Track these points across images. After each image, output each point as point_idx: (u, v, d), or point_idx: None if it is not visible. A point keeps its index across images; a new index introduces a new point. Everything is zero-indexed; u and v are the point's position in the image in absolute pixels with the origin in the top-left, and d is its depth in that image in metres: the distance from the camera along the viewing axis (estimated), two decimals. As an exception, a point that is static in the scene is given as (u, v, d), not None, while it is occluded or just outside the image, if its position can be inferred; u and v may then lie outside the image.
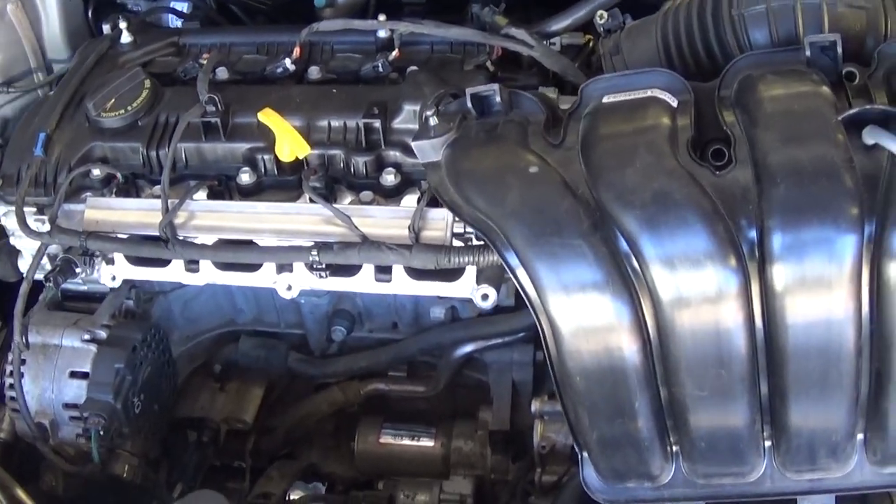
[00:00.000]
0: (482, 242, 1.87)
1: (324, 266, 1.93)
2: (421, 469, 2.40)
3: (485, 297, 1.97)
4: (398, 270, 1.97)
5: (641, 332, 1.59)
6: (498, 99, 1.76)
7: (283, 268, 2.02)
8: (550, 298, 1.60)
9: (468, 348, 2.34)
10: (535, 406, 2.19)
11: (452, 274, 1.97)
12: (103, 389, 2.08)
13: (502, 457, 2.36)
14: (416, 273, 1.97)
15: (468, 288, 1.98)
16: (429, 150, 1.79)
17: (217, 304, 2.46)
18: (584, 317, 1.59)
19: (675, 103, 1.67)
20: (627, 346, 1.59)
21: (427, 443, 2.41)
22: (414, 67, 2.14)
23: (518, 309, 2.26)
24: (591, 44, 2.22)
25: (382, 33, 2.21)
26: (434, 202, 1.91)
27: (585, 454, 1.77)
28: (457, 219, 1.89)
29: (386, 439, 2.42)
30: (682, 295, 1.55)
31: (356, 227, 1.90)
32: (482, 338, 2.30)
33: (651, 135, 1.61)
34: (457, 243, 1.90)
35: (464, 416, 2.45)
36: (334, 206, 1.91)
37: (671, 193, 1.54)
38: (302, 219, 1.96)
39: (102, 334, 2.15)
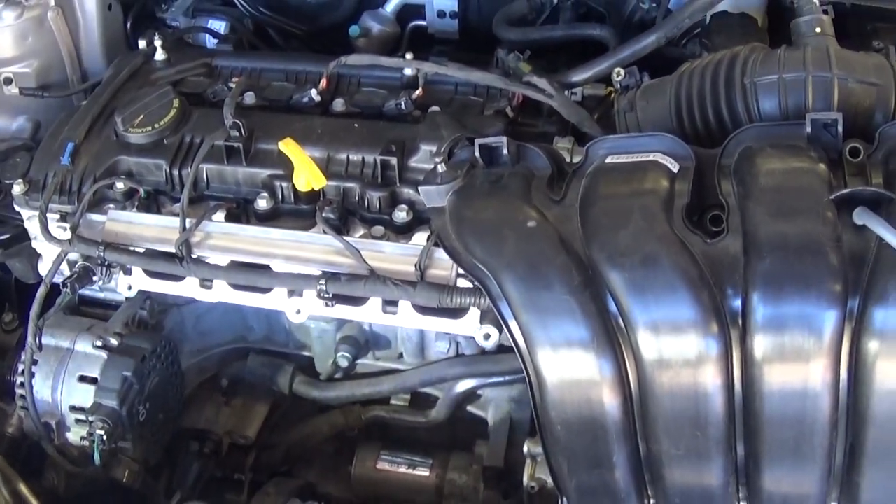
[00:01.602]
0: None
1: (330, 295, 2.06)
2: (415, 497, 2.52)
3: (487, 336, 2.09)
4: (404, 304, 2.09)
5: (623, 388, 1.70)
6: (505, 151, 1.89)
7: (294, 292, 2.15)
8: (538, 349, 1.71)
9: (470, 384, 2.45)
10: (526, 447, 2.30)
11: (457, 312, 2.08)
12: (110, 395, 2.21)
13: (494, 492, 2.47)
14: (421, 308, 2.09)
15: (472, 326, 2.09)
16: (434, 196, 1.92)
17: (229, 321, 2.59)
18: (568, 370, 1.70)
19: (675, 168, 1.78)
20: (608, 401, 1.70)
21: (423, 472, 2.52)
22: (435, 108, 2.26)
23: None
24: (612, 96, 2.34)
25: (408, 71, 2.34)
26: (442, 242, 2.05)
27: (565, 500, 1.88)
28: (459, 263, 2.02)
29: (383, 465, 2.54)
30: (664, 357, 1.66)
31: (364, 260, 2.02)
32: (483, 375, 2.41)
33: (647, 199, 1.72)
34: (463, 283, 2.02)
35: (461, 449, 2.57)
36: (345, 238, 2.03)
37: (660, 258, 1.65)
38: (314, 248, 2.09)
39: (114, 342, 2.28)
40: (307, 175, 2.07)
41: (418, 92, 2.29)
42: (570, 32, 2.56)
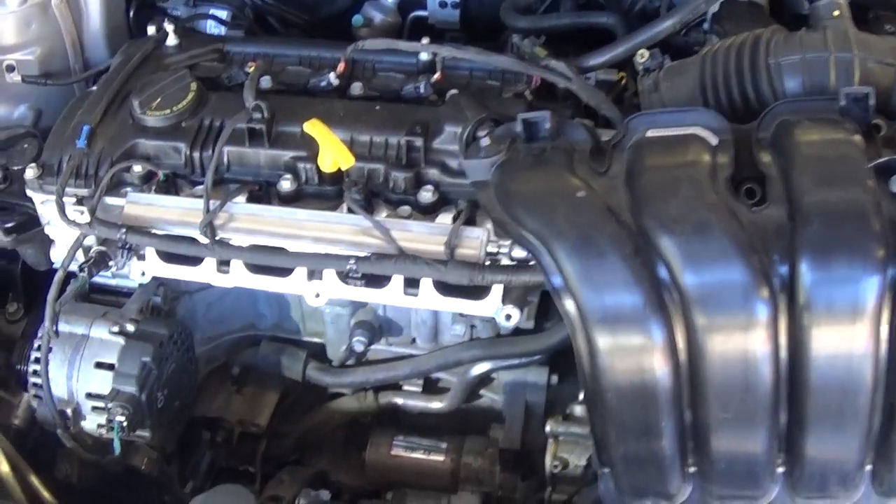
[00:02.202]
0: (514, 263, 2.01)
1: (360, 275, 2.05)
2: (430, 482, 2.50)
3: (508, 317, 2.09)
4: (426, 285, 2.08)
5: (673, 355, 1.71)
6: (547, 125, 1.89)
7: (313, 275, 2.13)
8: (591, 317, 1.71)
9: (485, 367, 2.45)
10: (549, 426, 2.31)
11: (478, 292, 2.08)
12: (129, 381, 2.17)
13: (511, 475, 2.47)
14: (444, 289, 2.08)
15: (493, 307, 2.09)
16: (478, 170, 1.92)
17: (240, 308, 2.56)
18: (622, 337, 1.71)
19: (714, 142, 1.80)
20: (660, 368, 1.71)
21: (438, 457, 2.51)
22: (454, 91, 2.26)
23: (536, 332, 2.39)
24: (623, 81, 2.35)
25: (424, 56, 2.34)
26: (470, 221, 2.05)
27: (606, 470, 1.89)
28: (491, 238, 2.02)
29: (397, 451, 2.53)
30: (716, 321, 1.67)
31: (394, 239, 2.02)
32: (500, 358, 2.41)
33: (694, 169, 1.74)
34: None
35: (474, 433, 2.56)
36: (374, 218, 2.03)
37: (711, 225, 1.66)
38: (341, 228, 2.07)
39: (131, 328, 2.24)
40: (335, 155, 2.06)
41: (437, 76, 2.28)
42: (578, 20, 2.57)
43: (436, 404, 2.58)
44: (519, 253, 2.01)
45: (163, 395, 2.25)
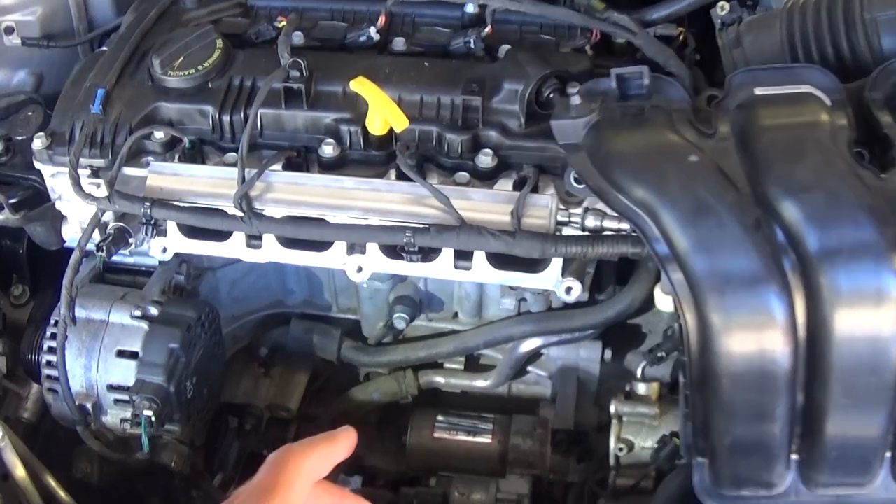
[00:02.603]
0: (586, 233, 1.76)
1: (416, 249, 1.78)
2: (475, 466, 2.25)
3: (569, 290, 1.86)
4: (479, 258, 1.83)
5: (794, 333, 1.46)
6: (645, 81, 1.62)
7: (353, 248, 1.87)
8: (707, 294, 1.46)
9: (535, 343, 2.20)
10: (613, 407, 2.06)
11: (535, 264, 1.85)
12: (155, 371, 1.90)
13: (563, 457, 2.22)
14: (498, 261, 1.84)
15: (553, 279, 1.85)
16: (569, 131, 1.64)
17: (267, 284, 2.29)
18: (741, 315, 1.45)
19: (828, 101, 1.55)
20: (781, 348, 1.45)
21: (484, 439, 2.25)
22: (507, 46, 1.99)
23: (590, 304, 2.14)
24: (682, 37, 2.08)
25: (470, 8, 2.06)
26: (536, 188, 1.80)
27: (701, 459, 1.64)
28: (561, 206, 1.77)
29: (440, 434, 2.27)
30: (846, 298, 1.42)
31: (455, 209, 1.75)
32: (555, 333, 2.16)
33: (816, 131, 1.50)
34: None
35: (521, 413, 2.31)
36: (433, 185, 1.76)
37: (844, 192, 1.42)
38: (393, 197, 1.80)
39: (154, 311, 1.97)
40: (387, 116, 1.78)
41: (487, 29, 2.00)
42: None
43: (480, 383, 2.32)
44: (592, 222, 1.75)
45: (192, 385, 1.98)
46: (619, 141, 1.60)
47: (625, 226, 1.75)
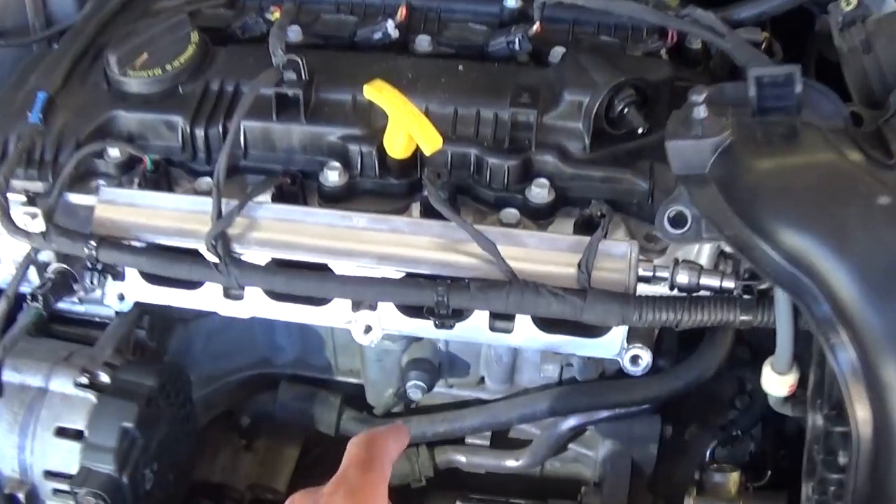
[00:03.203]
0: (682, 294, 1.23)
1: (449, 311, 1.26)
2: (503, 567, 1.72)
3: (636, 359, 1.38)
4: (523, 319, 1.32)
5: None
6: (797, 89, 1.09)
7: (361, 304, 1.35)
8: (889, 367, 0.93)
9: (584, 418, 1.67)
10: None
11: (592, 327, 1.33)
12: (104, 457, 1.38)
13: (611, 559, 1.70)
14: (545, 322, 1.32)
15: (615, 346, 1.36)
16: (692, 157, 1.10)
17: (251, 339, 1.75)
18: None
19: None
20: None
21: (513, 531, 1.72)
22: (561, 48, 1.47)
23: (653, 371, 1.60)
24: (768, 43, 1.56)
25: (511, 2, 1.54)
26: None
27: None
28: (647, 251, 1.25)
29: (461, 524, 1.73)
30: None
31: (503, 259, 1.22)
32: (609, 407, 1.63)
33: None
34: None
35: (559, 497, 1.77)
36: (476, 228, 1.23)
37: None
38: (418, 241, 1.28)
39: (105, 378, 1.44)
40: (414, 133, 1.25)
41: (536, 27, 1.47)
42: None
43: (510, 462, 1.78)
44: (685, 278, 1.23)
45: (152, 472, 1.45)
46: (768, 171, 1.05)
47: (729, 284, 1.23)
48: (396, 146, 1.30)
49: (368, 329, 1.37)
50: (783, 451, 1.71)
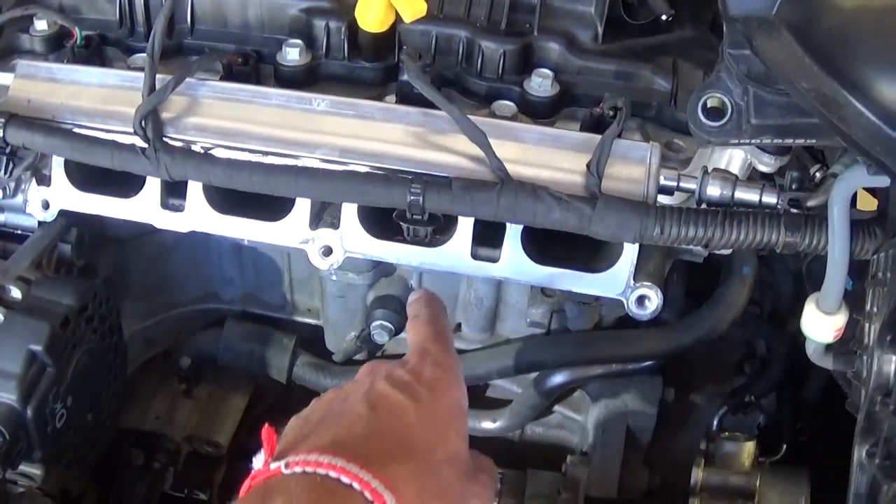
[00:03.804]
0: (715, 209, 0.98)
1: (425, 217, 0.99)
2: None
3: (642, 300, 1.12)
4: (512, 244, 1.08)
5: None
6: None
7: (321, 217, 1.11)
8: None
9: (573, 375, 1.41)
10: (695, 476, 1.27)
11: (594, 259, 1.11)
12: (6, 384, 1.15)
13: (599, 535, 1.44)
14: (537, 251, 1.08)
15: (620, 283, 1.11)
16: None
17: (195, 268, 1.51)
18: None
19: None
20: None
21: (485, 503, 1.46)
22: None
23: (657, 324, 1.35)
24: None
25: None
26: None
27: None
28: (668, 160, 0.99)
29: (427, 493, 1.46)
30: None
31: (494, 154, 0.96)
32: (605, 361, 1.37)
33: None
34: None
35: (539, 466, 1.51)
36: (463, 113, 0.97)
37: None
38: (391, 130, 1.03)
39: (17, 293, 1.21)
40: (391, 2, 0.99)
41: None
42: None
43: (486, 424, 1.51)
44: (717, 190, 0.98)
45: (65, 408, 1.22)
46: (860, 11, 0.77)
47: (770, 199, 0.97)
48: (371, 16, 1.05)
49: (328, 251, 1.12)
50: (801, 423, 1.47)
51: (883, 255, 0.90)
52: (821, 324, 1.00)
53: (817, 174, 1.00)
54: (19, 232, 1.34)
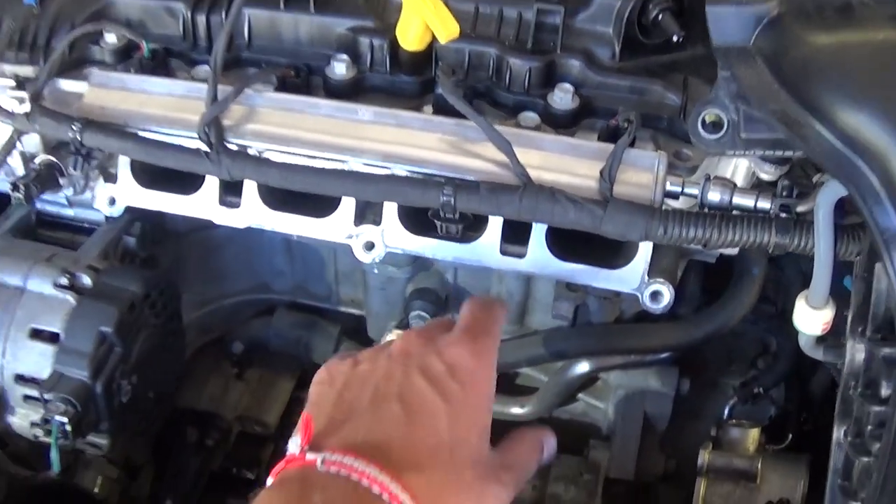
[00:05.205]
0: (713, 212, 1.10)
1: (456, 216, 1.13)
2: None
3: (656, 295, 1.24)
4: (538, 241, 1.20)
5: None
6: None
7: (365, 215, 1.24)
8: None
9: (596, 364, 1.54)
10: (702, 458, 1.40)
11: (612, 257, 1.23)
12: (78, 362, 1.28)
13: (617, 514, 1.57)
14: (561, 249, 1.21)
15: (636, 279, 1.23)
16: (733, 26, 0.97)
17: (248, 261, 1.64)
18: None
19: None
20: None
21: (514, 485, 1.59)
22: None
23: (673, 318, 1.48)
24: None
25: None
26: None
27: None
28: (676, 168, 1.12)
29: (459, 474, 1.60)
30: None
31: (518, 161, 1.10)
32: (625, 353, 1.50)
33: None
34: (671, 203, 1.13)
35: (564, 452, 1.63)
36: (492, 125, 1.10)
37: None
38: (428, 139, 1.16)
39: (87, 280, 1.33)
40: (429, 21, 1.12)
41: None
42: None
43: (514, 409, 1.64)
44: (717, 195, 1.10)
45: (130, 384, 1.35)
46: (823, 44, 0.91)
47: (765, 204, 1.10)
48: (410, 35, 1.18)
49: (371, 246, 1.25)
50: (806, 414, 1.59)
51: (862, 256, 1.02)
52: (810, 318, 1.12)
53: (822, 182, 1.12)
54: (87, 225, 1.48)
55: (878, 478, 0.86)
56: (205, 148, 1.17)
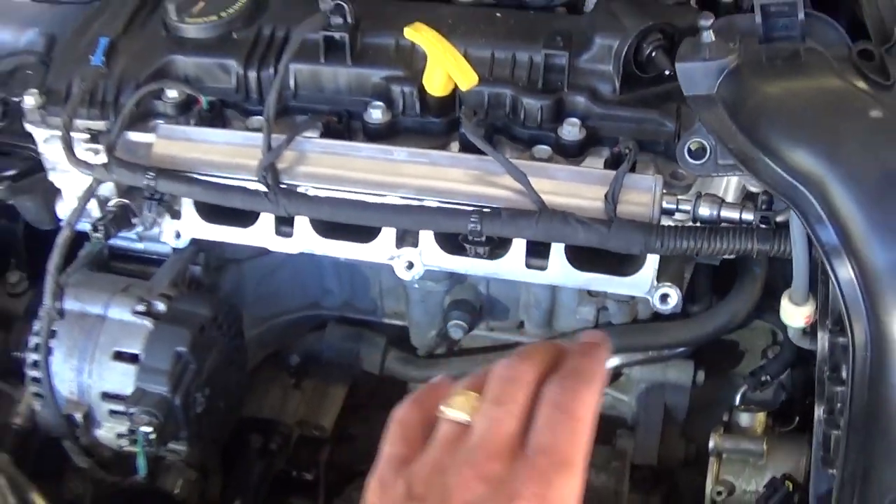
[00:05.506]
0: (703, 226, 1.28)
1: (483, 239, 1.32)
2: None
3: (665, 298, 1.41)
4: (557, 255, 1.37)
5: None
6: (800, 17, 1.13)
7: (405, 239, 1.42)
8: (891, 297, 0.97)
9: (618, 361, 1.72)
10: (713, 441, 1.57)
11: (624, 266, 1.39)
12: (158, 379, 1.46)
13: (644, 497, 1.74)
14: (579, 260, 1.38)
15: (646, 284, 1.40)
16: (700, 78, 1.15)
17: (301, 282, 1.83)
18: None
19: None
20: None
21: (549, 473, 1.77)
22: (592, -4, 1.52)
23: (684, 317, 1.65)
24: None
25: (547, -47, 1.60)
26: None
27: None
28: (672, 187, 1.29)
29: (497, 464, 1.78)
30: None
31: (534, 189, 1.28)
32: (642, 349, 1.68)
33: None
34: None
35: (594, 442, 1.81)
36: (509, 160, 1.29)
37: None
38: (455, 174, 1.34)
39: (161, 306, 1.52)
40: (451, 71, 1.31)
41: (572, -23, 1.53)
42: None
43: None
44: (707, 210, 1.28)
45: (203, 396, 1.53)
46: (771, 91, 1.09)
47: (748, 216, 1.27)
48: (435, 84, 1.36)
49: (410, 265, 1.43)
50: (810, 398, 1.75)
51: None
52: (793, 312, 1.29)
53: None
54: (155, 257, 1.65)
55: (843, 447, 1.04)
56: (263, 189, 1.37)
